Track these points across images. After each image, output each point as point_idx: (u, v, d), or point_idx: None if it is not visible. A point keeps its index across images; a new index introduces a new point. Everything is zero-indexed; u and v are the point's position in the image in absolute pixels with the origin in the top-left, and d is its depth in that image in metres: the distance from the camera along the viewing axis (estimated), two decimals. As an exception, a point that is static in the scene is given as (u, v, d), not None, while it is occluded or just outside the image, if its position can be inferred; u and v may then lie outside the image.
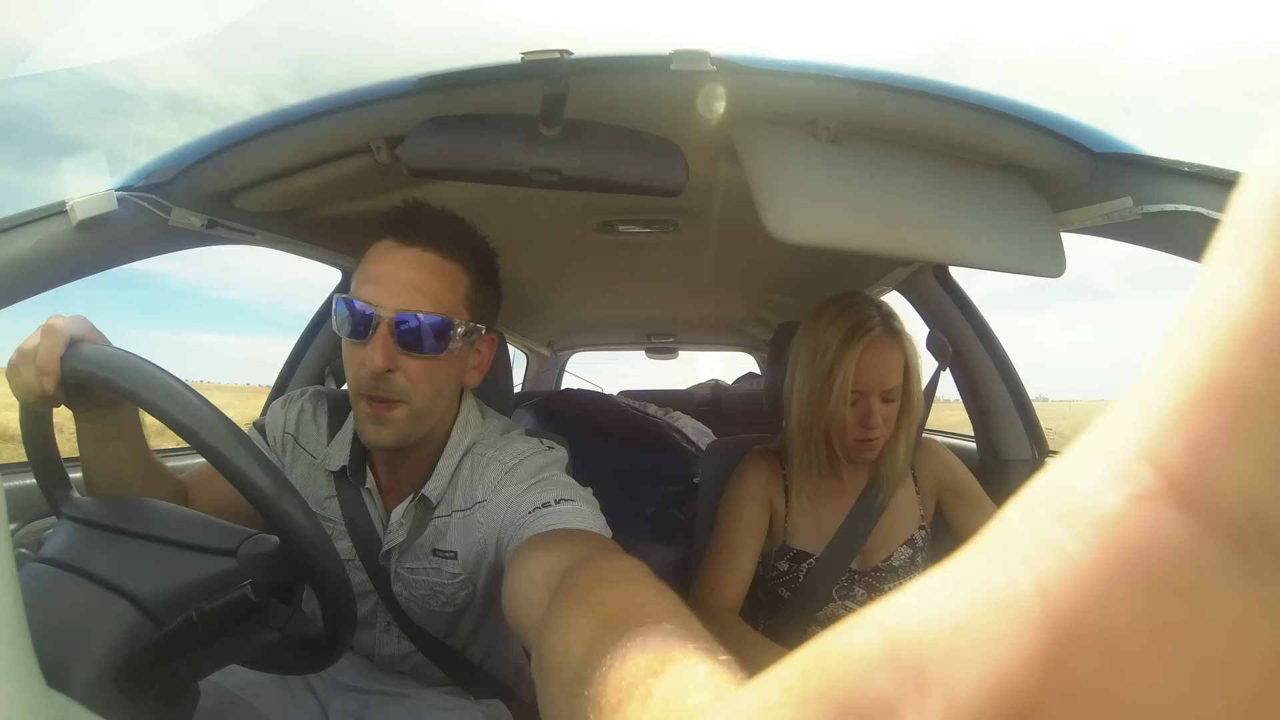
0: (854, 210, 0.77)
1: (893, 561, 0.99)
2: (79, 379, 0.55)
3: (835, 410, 0.93)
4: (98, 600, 0.48)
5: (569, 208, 1.22)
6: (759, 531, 1.00)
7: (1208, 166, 0.72)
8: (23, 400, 0.58)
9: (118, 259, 0.86)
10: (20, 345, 0.58)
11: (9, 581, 0.29)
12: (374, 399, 0.68)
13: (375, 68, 0.77)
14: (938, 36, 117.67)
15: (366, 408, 0.69)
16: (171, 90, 0.89)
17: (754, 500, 1.01)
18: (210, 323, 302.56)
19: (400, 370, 0.68)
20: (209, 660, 0.53)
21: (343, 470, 0.77)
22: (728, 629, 0.90)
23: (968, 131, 0.80)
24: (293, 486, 0.52)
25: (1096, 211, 0.83)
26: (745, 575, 0.98)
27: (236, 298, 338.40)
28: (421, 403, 0.70)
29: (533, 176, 0.76)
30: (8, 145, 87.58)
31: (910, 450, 1.01)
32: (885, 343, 0.93)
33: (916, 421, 1.01)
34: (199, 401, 0.51)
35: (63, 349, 0.56)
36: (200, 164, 0.85)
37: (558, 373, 3.46)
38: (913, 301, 1.40)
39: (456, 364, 0.73)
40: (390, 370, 0.67)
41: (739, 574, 0.97)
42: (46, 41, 0.68)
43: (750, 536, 0.99)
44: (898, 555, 0.99)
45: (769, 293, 2.02)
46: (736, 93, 0.74)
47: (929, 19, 32.09)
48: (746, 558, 0.98)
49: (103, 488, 0.67)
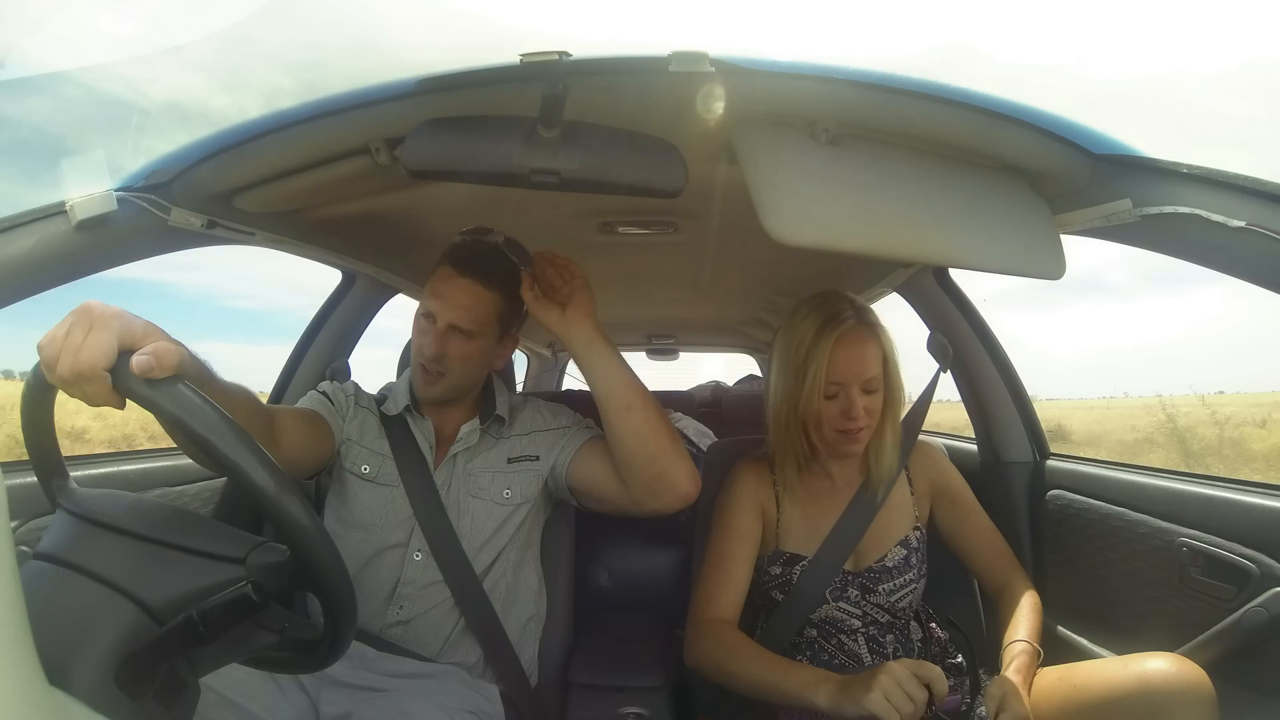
0: (853, 212, 0.77)
1: (886, 562, 0.99)
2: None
3: (809, 402, 0.95)
4: (99, 598, 0.48)
5: (568, 209, 1.22)
6: (752, 540, 1.00)
7: (1207, 168, 0.72)
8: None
9: (117, 259, 0.86)
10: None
11: (10, 579, 0.29)
12: (427, 370, 0.99)
13: (376, 70, 0.77)
14: (937, 37, 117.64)
15: (421, 374, 1.00)
16: (174, 100, 0.89)
17: (745, 509, 1.01)
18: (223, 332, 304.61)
19: (447, 355, 0.98)
20: (209, 659, 0.53)
21: (405, 410, 1.04)
22: (722, 641, 0.91)
23: (967, 133, 0.80)
24: (295, 485, 0.53)
25: (1096, 213, 0.82)
26: (741, 586, 0.98)
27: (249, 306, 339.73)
28: (457, 378, 1.01)
29: (532, 178, 0.76)
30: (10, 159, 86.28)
31: (898, 444, 1.01)
32: (859, 334, 0.95)
33: (900, 414, 1.01)
34: (198, 401, 0.51)
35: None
36: (200, 164, 0.85)
37: (558, 374, 3.47)
38: (913, 303, 1.40)
39: (485, 356, 1.03)
40: (440, 355, 0.97)
41: (734, 585, 0.97)
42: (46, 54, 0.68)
43: (743, 546, 0.99)
44: (891, 556, 0.99)
45: (769, 294, 2.02)
46: (735, 94, 0.74)
47: (929, 20, 32.04)
48: (740, 568, 0.98)
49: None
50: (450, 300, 0.97)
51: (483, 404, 1.08)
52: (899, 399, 1.00)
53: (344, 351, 1.48)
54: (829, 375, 0.93)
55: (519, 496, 1.02)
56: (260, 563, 0.52)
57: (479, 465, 1.03)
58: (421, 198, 1.08)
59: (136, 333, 0.51)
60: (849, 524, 0.99)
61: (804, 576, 0.98)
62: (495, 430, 1.07)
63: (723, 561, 0.98)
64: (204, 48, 0.70)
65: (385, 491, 0.99)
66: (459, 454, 1.03)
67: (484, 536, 0.99)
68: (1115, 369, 74.80)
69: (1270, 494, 0.86)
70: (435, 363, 0.97)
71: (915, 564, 1.00)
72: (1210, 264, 0.76)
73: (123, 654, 0.46)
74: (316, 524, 0.52)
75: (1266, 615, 0.79)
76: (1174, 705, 0.72)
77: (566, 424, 1.08)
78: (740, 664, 0.86)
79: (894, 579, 0.98)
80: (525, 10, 1.11)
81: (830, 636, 0.98)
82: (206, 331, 27.29)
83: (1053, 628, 1.11)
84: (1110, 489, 1.06)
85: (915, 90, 0.75)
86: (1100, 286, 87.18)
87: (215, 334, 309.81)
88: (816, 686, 0.77)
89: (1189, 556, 0.90)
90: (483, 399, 1.09)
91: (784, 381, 0.98)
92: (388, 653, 0.93)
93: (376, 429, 1.04)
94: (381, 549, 0.97)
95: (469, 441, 1.03)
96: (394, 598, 0.96)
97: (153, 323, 0.54)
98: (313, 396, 1.05)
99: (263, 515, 0.50)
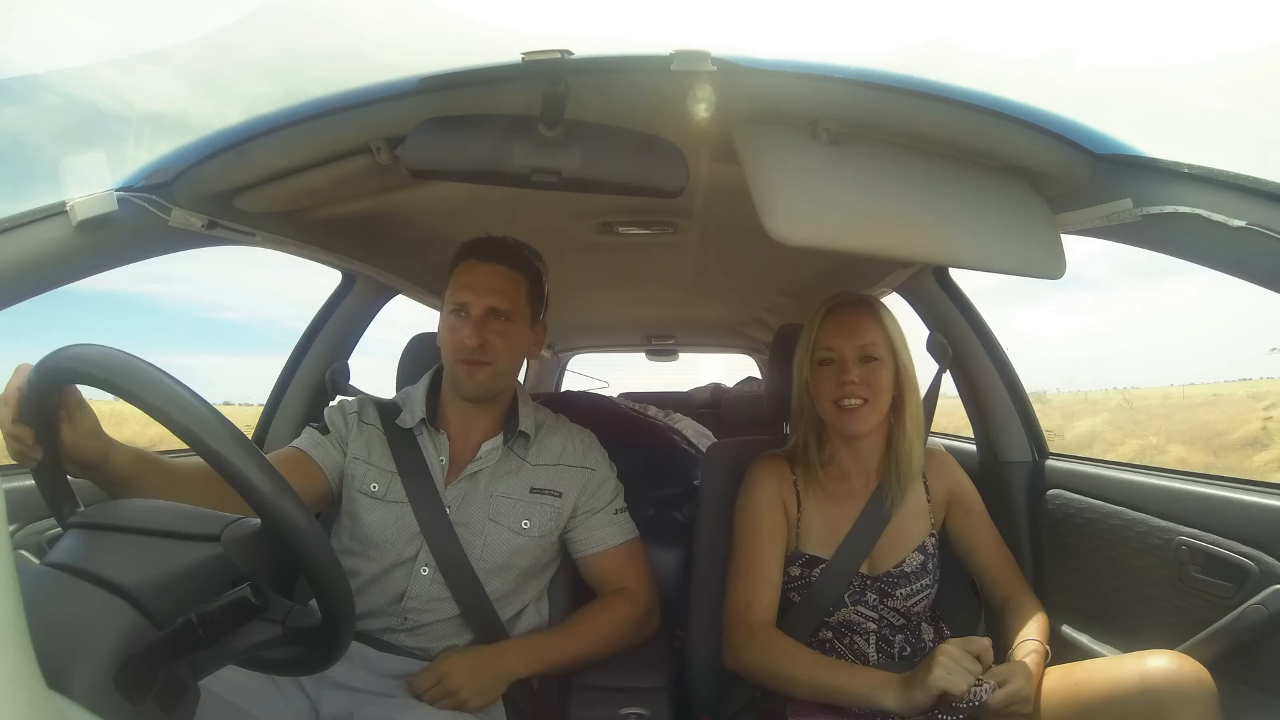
0: (854, 212, 0.77)
1: (904, 567, 0.99)
2: (79, 380, 0.55)
3: (801, 371, 1.01)
4: (97, 602, 0.48)
5: (569, 209, 1.22)
6: (780, 539, 1.00)
7: (1208, 168, 0.72)
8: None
9: (118, 259, 0.85)
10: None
11: (9, 583, 0.29)
12: (469, 362, 0.97)
13: (368, 74, 0.77)
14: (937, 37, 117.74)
15: (463, 369, 0.98)
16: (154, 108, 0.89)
17: (770, 507, 1.01)
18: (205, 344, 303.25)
19: (489, 343, 0.97)
20: (209, 661, 0.52)
21: (419, 424, 1.02)
22: (774, 646, 0.92)
23: (968, 133, 0.80)
24: (290, 486, 0.53)
25: (1096, 213, 0.82)
26: (775, 586, 0.98)
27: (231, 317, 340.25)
28: (502, 365, 1.00)
29: (532, 178, 0.76)
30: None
31: (922, 437, 1.02)
32: (853, 307, 1.00)
33: (917, 405, 1.01)
34: (197, 401, 0.51)
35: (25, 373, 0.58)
36: (200, 164, 0.85)
37: (558, 374, 3.46)
38: (913, 303, 1.40)
39: (523, 339, 1.04)
40: (482, 344, 0.96)
41: (770, 585, 0.98)
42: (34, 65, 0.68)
43: (773, 545, 0.99)
44: (910, 561, 0.99)
45: (769, 295, 2.02)
46: (737, 93, 0.74)
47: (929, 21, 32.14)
48: (773, 568, 0.99)
49: None
50: (482, 286, 0.98)
51: (507, 418, 1.06)
52: (911, 386, 1.00)
53: (344, 353, 1.47)
54: (820, 340, 0.98)
55: (537, 530, 1.00)
56: (235, 536, 0.53)
57: (501, 489, 1.01)
58: (422, 197, 1.08)
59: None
60: (866, 527, 0.99)
61: (822, 578, 0.98)
62: (520, 449, 1.04)
63: (756, 563, 0.98)
64: (185, 54, 0.70)
65: (394, 508, 0.98)
66: (481, 472, 1.01)
67: (496, 561, 0.98)
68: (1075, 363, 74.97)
69: (1269, 493, 0.87)
70: (479, 351, 0.96)
71: (931, 569, 1.00)
72: (1211, 264, 0.76)
73: (122, 657, 0.46)
74: (312, 523, 0.52)
75: (1266, 613, 0.79)
76: (1175, 702, 0.72)
77: (593, 467, 1.07)
78: (800, 668, 0.88)
79: (912, 584, 0.98)
80: (527, 9, 1.11)
81: (844, 637, 0.98)
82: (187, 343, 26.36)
83: (1054, 627, 1.11)
84: (1109, 488, 1.06)
85: (917, 90, 0.75)
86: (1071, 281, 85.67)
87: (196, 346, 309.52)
88: (884, 688, 0.82)
89: (1188, 555, 0.90)
90: (507, 411, 1.07)
91: (797, 367, 1.03)
92: (388, 653, 0.93)
93: (383, 445, 1.02)
94: (392, 565, 0.96)
95: (490, 460, 1.01)
96: (400, 610, 0.95)
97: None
98: (305, 434, 1.03)
99: (260, 516, 0.50)
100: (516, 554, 0.99)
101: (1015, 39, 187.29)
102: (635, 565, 1.06)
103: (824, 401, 0.98)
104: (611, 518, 1.06)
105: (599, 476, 1.07)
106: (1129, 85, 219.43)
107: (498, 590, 0.98)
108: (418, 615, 0.95)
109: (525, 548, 1.00)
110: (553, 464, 1.05)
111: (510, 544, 0.98)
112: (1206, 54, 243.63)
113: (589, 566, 1.05)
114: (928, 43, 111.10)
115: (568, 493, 1.03)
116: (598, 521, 1.05)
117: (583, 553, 1.04)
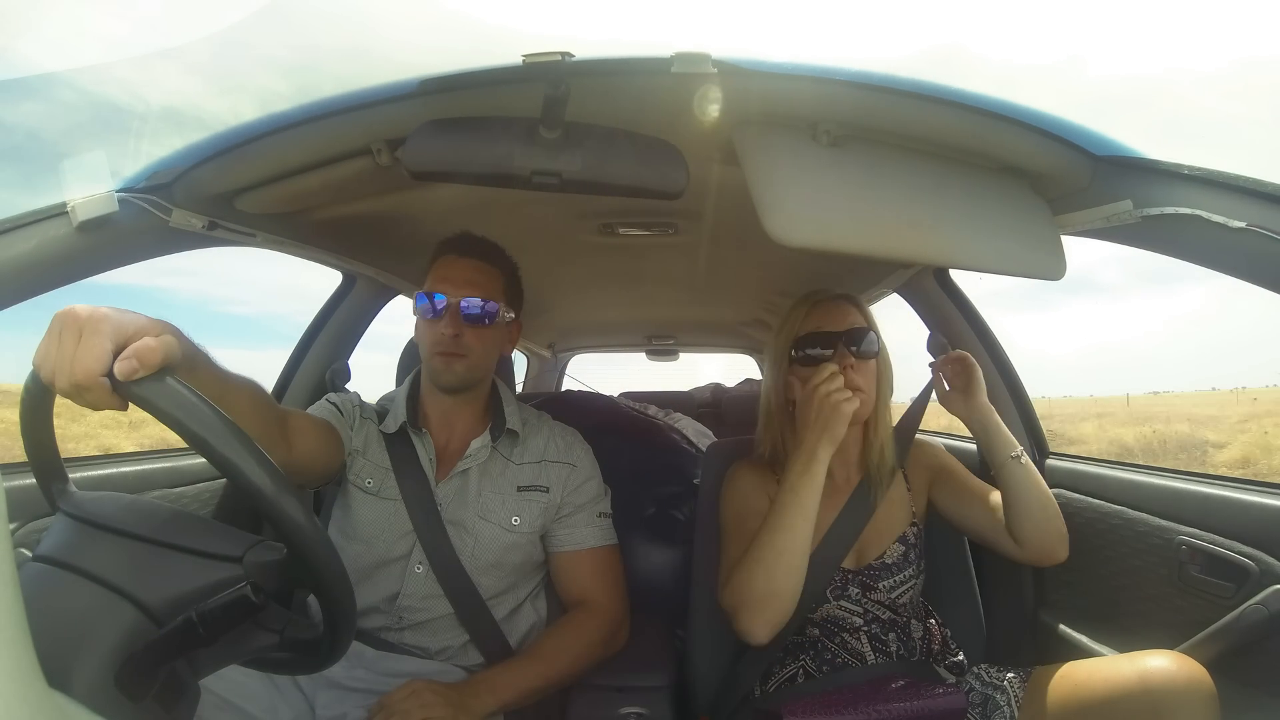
0: (854, 213, 0.77)
1: (886, 559, 0.99)
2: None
3: (779, 366, 1.00)
4: (98, 600, 0.48)
5: (569, 210, 1.22)
6: None
7: (1208, 169, 0.72)
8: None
9: (118, 260, 0.86)
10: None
11: (9, 582, 0.29)
12: (445, 353, 0.98)
13: (377, 72, 0.77)
14: (938, 39, 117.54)
15: (440, 360, 0.98)
16: (169, 104, 0.89)
17: (755, 494, 1.02)
18: (217, 338, 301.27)
19: (464, 335, 0.98)
20: (209, 660, 0.53)
21: (400, 429, 1.02)
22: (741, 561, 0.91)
23: (968, 134, 0.80)
24: (293, 486, 0.52)
25: (1097, 214, 0.83)
26: None
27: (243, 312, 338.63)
28: (477, 358, 1.00)
29: (533, 179, 0.76)
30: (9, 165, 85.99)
31: (890, 426, 1.02)
32: (835, 301, 1.00)
33: (888, 397, 1.02)
34: (198, 401, 0.51)
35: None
36: (201, 165, 0.85)
37: (558, 374, 3.46)
38: (913, 304, 1.40)
39: (499, 334, 1.04)
40: (458, 335, 0.97)
41: None
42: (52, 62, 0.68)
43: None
44: (890, 552, 0.99)
45: (769, 294, 2.02)
46: (737, 95, 0.74)
47: (929, 22, 32.13)
48: None
49: None
50: (459, 279, 0.99)
51: (492, 415, 1.07)
52: (888, 378, 1.01)
53: (344, 353, 1.48)
54: (803, 329, 0.98)
55: (527, 526, 1.01)
56: (257, 561, 0.52)
57: (490, 487, 1.02)
58: (422, 199, 1.08)
59: (128, 332, 0.50)
60: (847, 521, 0.99)
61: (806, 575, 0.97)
62: (506, 448, 1.05)
63: (746, 544, 0.96)
64: (199, 50, 0.70)
65: (387, 506, 0.98)
66: (470, 470, 1.02)
67: (488, 559, 0.98)
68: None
69: (1269, 493, 0.87)
70: (454, 342, 0.97)
71: (914, 560, 1.00)
72: (1211, 264, 0.76)
73: (122, 656, 0.46)
74: (314, 524, 0.52)
75: (1266, 612, 0.79)
76: (1175, 702, 0.72)
77: (575, 463, 1.08)
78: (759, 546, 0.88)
79: (893, 575, 0.98)
80: (527, 11, 1.11)
81: (833, 635, 0.98)
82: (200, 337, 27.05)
83: (1054, 626, 1.11)
84: (1110, 488, 1.06)
85: (917, 92, 0.75)
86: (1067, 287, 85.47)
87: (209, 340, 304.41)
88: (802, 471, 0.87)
89: (1188, 554, 0.90)
90: (491, 408, 1.08)
91: (769, 362, 1.04)
92: (386, 652, 0.94)
93: (379, 442, 1.04)
94: (383, 562, 0.96)
95: (479, 458, 1.02)
96: (395, 609, 0.96)
97: (146, 316, 0.52)
98: (323, 406, 1.04)
99: (261, 515, 0.50)
100: (507, 550, 0.99)
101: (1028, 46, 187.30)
102: (607, 574, 1.05)
103: (806, 400, 0.94)
104: (594, 519, 1.06)
105: (581, 473, 1.07)
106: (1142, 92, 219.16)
107: (490, 588, 0.98)
108: (413, 614, 0.95)
109: (516, 544, 1.00)
110: (536, 461, 1.06)
111: (501, 540, 0.99)
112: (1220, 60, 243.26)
113: (561, 565, 1.04)
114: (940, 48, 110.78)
115: (554, 488, 1.04)
116: (579, 520, 1.05)
117: (558, 549, 1.04)
